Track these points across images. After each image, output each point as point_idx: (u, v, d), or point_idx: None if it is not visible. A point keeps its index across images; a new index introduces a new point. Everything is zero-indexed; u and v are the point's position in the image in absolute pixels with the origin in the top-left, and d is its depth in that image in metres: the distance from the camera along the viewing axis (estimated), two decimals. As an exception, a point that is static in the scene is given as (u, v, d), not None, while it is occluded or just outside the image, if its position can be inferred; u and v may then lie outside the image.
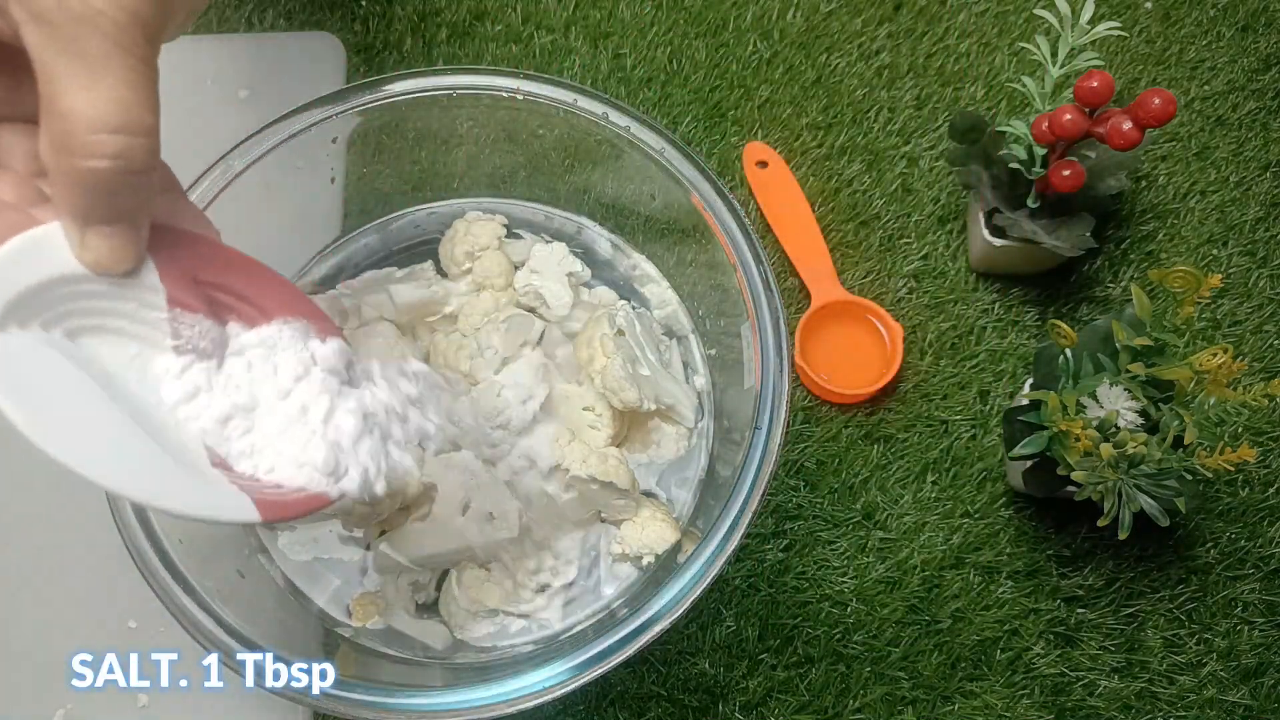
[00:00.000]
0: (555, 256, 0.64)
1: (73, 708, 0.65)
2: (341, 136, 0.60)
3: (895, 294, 0.76)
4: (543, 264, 0.63)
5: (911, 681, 0.67)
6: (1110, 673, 0.67)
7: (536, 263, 0.64)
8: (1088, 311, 0.76)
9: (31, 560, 0.68)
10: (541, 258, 0.64)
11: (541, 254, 0.64)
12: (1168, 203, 0.79)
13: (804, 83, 0.82)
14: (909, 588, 0.69)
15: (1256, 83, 0.82)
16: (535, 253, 0.64)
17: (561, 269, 0.64)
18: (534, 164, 0.65)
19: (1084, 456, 0.58)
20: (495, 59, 0.82)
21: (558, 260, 0.64)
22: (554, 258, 0.64)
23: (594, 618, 0.58)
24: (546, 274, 0.63)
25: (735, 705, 0.66)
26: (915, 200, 0.79)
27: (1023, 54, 0.82)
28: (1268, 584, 0.69)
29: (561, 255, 0.64)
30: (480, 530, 0.56)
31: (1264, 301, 0.76)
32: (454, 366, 0.59)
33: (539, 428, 0.59)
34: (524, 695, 0.46)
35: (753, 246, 0.55)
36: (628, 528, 0.58)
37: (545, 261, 0.64)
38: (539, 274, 0.63)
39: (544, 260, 0.64)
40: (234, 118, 0.76)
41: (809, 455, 0.72)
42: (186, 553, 0.50)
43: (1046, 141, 0.68)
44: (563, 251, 0.64)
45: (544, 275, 0.63)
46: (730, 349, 0.60)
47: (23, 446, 0.32)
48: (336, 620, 0.58)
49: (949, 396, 0.74)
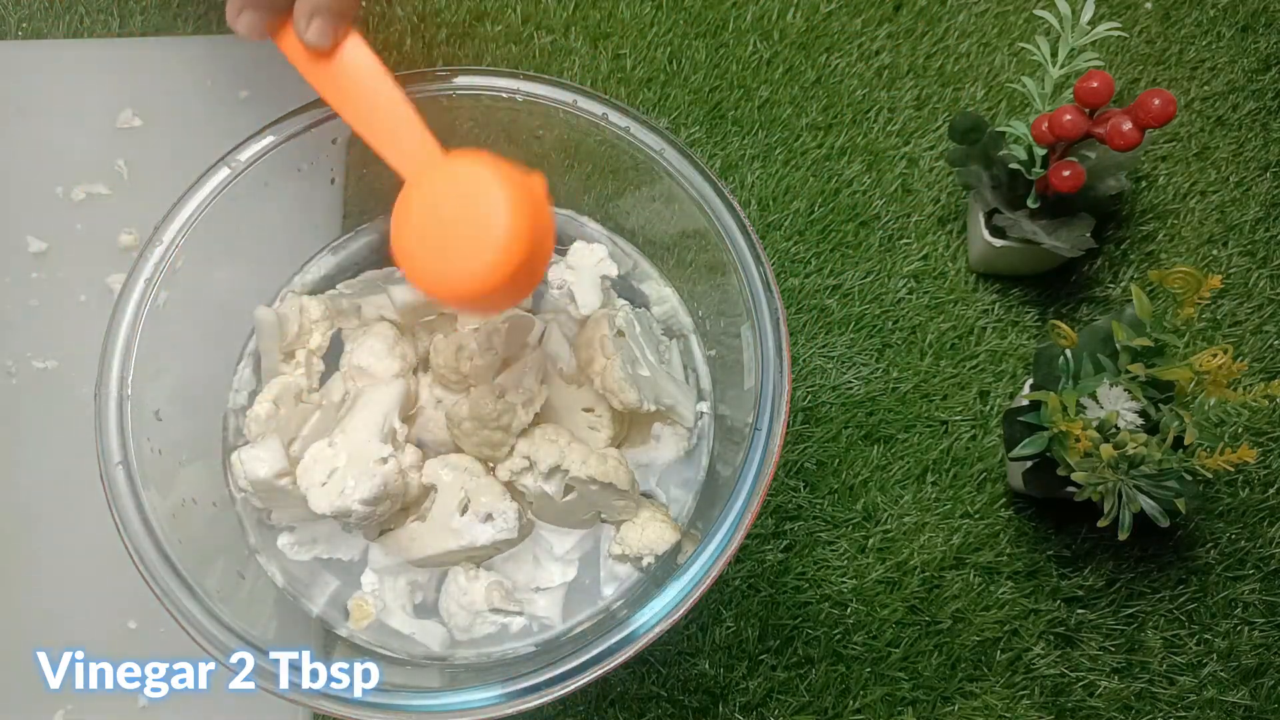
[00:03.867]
0: (594, 257, 0.63)
1: (73, 708, 0.65)
2: (341, 136, 0.60)
3: (895, 294, 0.76)
4: (580, 261, 0.62)
5: (911, 682, 0.67)
6: (1110, 673, 0.67)
7: (575, 259, 0.62)
8: (1088, 312, 0.76)
9: (31, 560, 0.68)
10: (580, 255, 0.62)
11: (581, 252, 0.63)
12: (1168, 203, 0.79)
13: (804, 83, 0.82)
14: (909, 588, 0.69)
15: (1256, 83, 0.82)
16: (575, 249, 0.63)
17: (597, 270, 0.63)
18: (534, 164, 0.65)
19: (1084, 457, 0.58)
20: (495, 59, 0.82)
21: (595, 261, 0.63)
22: (593, 258, 0.62)
23: (594, 618, 0.58)
24: (582, 273, 0.62)
25: (735, 706, 0.66)
26: (915, 200, 0.79)
27: (1023, 54, 0.82)
28: (1268, 584, 0.69)
29: (600, 257, 0.62)
30: (480, 530, 0.56)
31: (1264, 301, 0.76)
32: (454, 367, 0.59)
33: (539, 429, 0.58)
34: (524, 695, 0.46)
35: (753, 246, 0.55)
36: (627, 528, 0.58)
37: (584, 259, 0.62)
38: (574, 270, 0.62)
39: (582, 258, 0.62)
40: (234, 118, 0.76)
41: (809, 455, 0.72)
42: (186, 553, 0.50)
43: (1046, 142, 0.68)
44: (601, 253, 0.62)
45: (579, 273, 0.62)
46: (730, 349, 0.59)
47: (23, 448, 0.32)
48: (336, 621, 0.58)
49: (949, 396, 0.74)
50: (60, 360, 0.73)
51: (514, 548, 0.58)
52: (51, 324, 0.74)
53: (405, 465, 0.56)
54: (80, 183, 0.77)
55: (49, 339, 0.73)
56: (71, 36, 0.82)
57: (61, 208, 0.76)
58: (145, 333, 0.53)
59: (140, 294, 0.53)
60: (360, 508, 0.52)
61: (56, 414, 0.71)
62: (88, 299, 0.74)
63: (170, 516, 0.51)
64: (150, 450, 0.52)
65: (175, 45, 0.81)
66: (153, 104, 0.78)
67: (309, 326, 0.61)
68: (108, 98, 0.79)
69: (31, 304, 0.74)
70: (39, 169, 0.77)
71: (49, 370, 0.72)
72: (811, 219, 0.78)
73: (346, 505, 0.52)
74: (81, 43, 0.82)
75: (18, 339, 0.73)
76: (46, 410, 0.71)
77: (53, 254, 0.75)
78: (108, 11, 0.83)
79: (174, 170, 0.57)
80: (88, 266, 0.75)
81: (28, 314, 0.74)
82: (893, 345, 0.75)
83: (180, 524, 0.52)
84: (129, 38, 0.82)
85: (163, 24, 0.83)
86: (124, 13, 0.83)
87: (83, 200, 0.77)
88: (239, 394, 0.62)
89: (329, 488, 0.53)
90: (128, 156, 0.77)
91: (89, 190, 0.77)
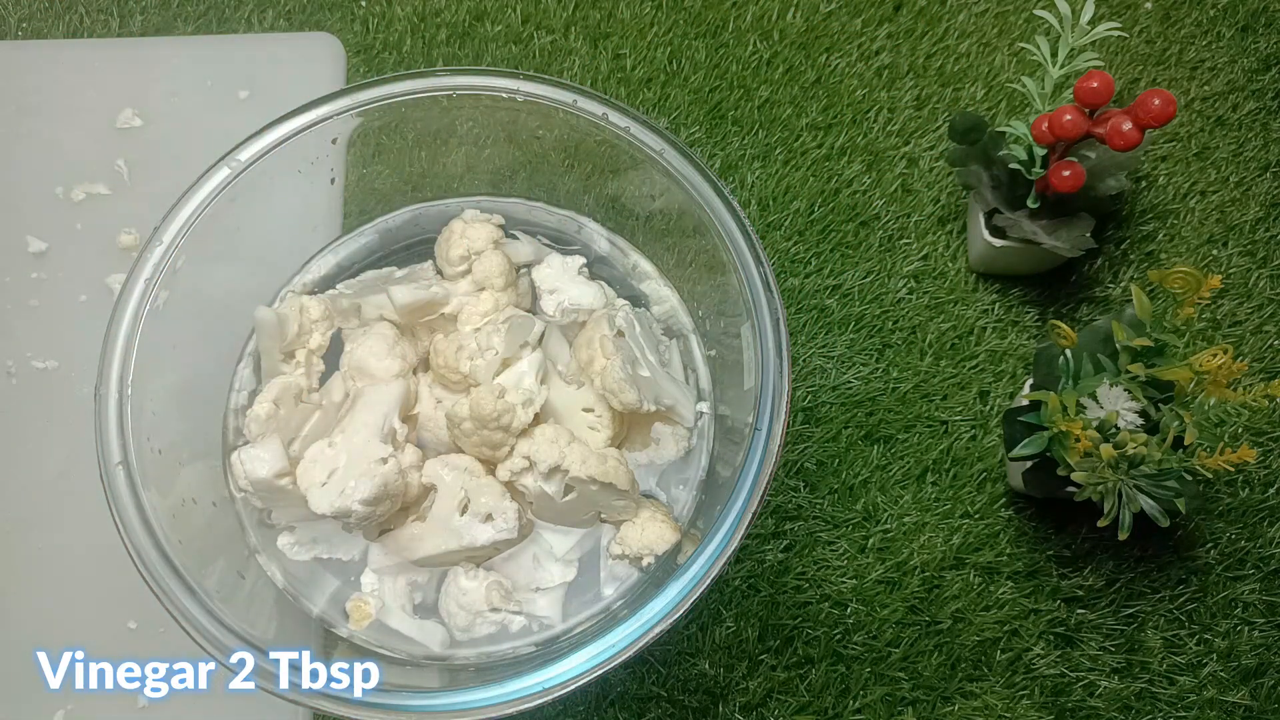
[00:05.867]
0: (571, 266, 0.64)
1: (73, 708, 0.65)
2: (341, 137, 0.60)
3: (895, 294, 0.76)
4: (558, 281, 0.63)
5: (911, 682, 0.67)
6: (1110, 673, 0.67)
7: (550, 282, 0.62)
8: (1088, 312, 0.76)
9: (31, 561, 0.68)
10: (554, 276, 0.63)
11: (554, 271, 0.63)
12: (1168, 203, 0.79)
13: (804, 83, 0.82)
14: (909, 588, 0.69)
15: (1256, 83, 0.82)
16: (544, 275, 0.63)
17: (570, 272, 0.63)
18: (534, 164, 0.65)
19: (1084, 457, 0.58)
20: (495, 59, 0.82)
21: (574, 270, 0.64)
22: (569, 269, 0.63)
23: (594, 618, 0.58)
24: (565, 283, 0.63)
25: (735, 706, 0.66)
26: (915, 200, 0.79)
27: (1023, 54, 0.82)
28: (1268, 584, 0.69)
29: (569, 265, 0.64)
30: (480, 530, 0.56)
31: (1264, 301, 0.76)
32: (454, 367, 0.59)
33: (539, 429, 0.58)
34: (524, 696, 0.46)
35: (753, 247, 0.55)
36: (628, 528, 0.58)
37: (560, 278, 0.63)
38: (561, 290, 0.62)
39: (558, 277, 0.63)
40: (234, 118, 0.76)
41: (809, 455, 0.72)
42: (186, 553, 0.50)
43: (1046, 142, 0.68)
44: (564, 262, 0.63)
45: (564, 286, 0.62)
46: (730, 349, 0.59)
47: (23, 448, 0.32)
48: (336, 621, 0.58)
49: (949, 396, 0.74)
50: (60, 360, 0.73)
51: (514, 548, 0.58)
52: (51, 324, 0.74)
53: (405, 465, 0.56)
54: (80, 183, 0.77)
55: (49, 339, 0.73)
56: (71, 36, 0.82)
57: (61, 208, 0.76)
58: (145, 333, 0.53)
59: (140, 294, 0.53)
60: (360, 508, 0.52)
61: (56, 414, 0.71)
62: (88, 299, 0.74)
63: (170, 516, 0.51)
64: (150, 450, 0.52)
65: (175, 45, 0.81)
66: (153, 104, 0.78)
67: (309, 326, 0.61)
68: (108, 98, 0.79)
69: (31, 304, 0.74)
70: (39, 169, 0.78)
71: (49, 370, 0.72)
72: (811, 219, 0.78)
73: (346, 505, 0.52)
74: (81, 43, 0.82)
75: (18, 339, 0.73)
76: (46, 410, 0.71)
77: (53, 254, 0.75)
78: (108, 11, 0.83)
79: (174, 170, 0.57)
80: (88, 266, 0.75)
81: (28, 314, 0.74)
82: (893, 345, 0.75)
83: (180, 524, 0.52)
84: (129, 38, 0.82)
85: (163, 24, 0.83)
86: (124, 13, 0.83)
87: (83, 200, 0.77)
88: (239, 394, 0.61)
89: (329, 488, 0.53)
90: (128, 156, 0.77)
91: (89, 190, 0.77)
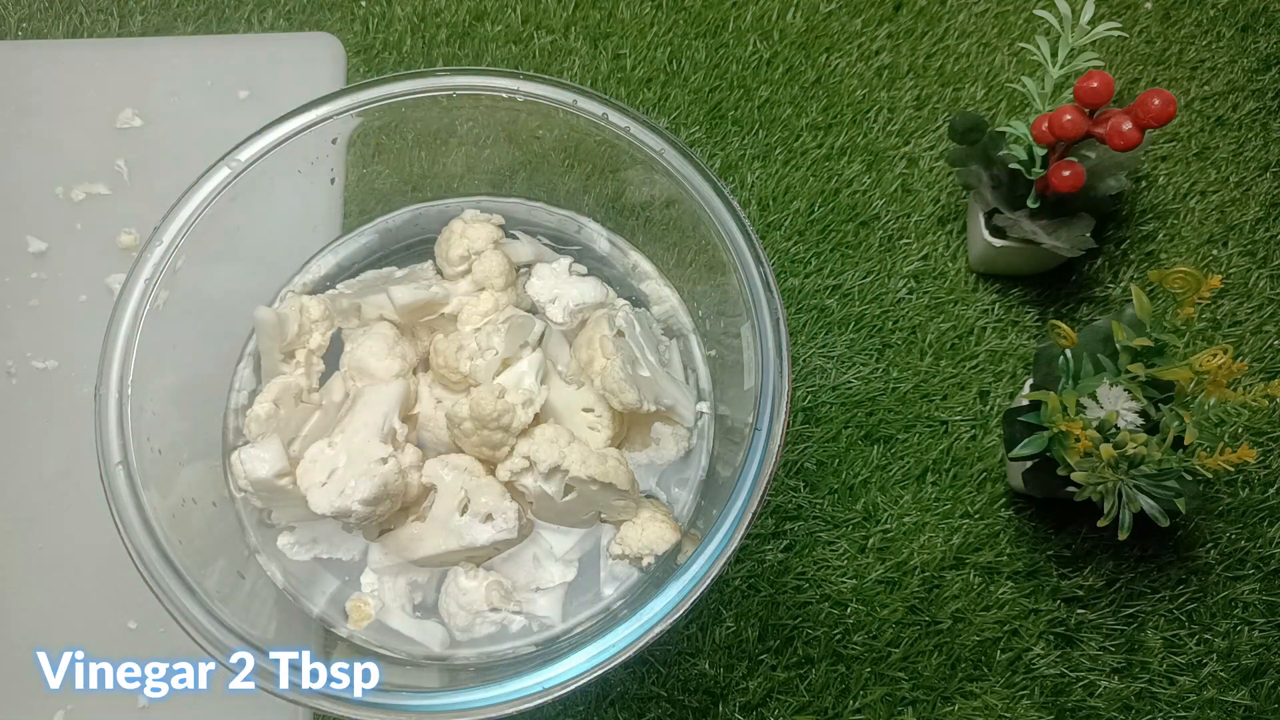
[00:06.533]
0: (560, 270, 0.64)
1: (73, 708, 0.65)
2: (341, 136, 0.60)
3: (895, 294, 0.76)
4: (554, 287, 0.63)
5: (911, 682, 0.67)
6: (1110, 673, 0.67)
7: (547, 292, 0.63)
8: (1088, 312, 0.76)
9: (31, 561, 0.68)
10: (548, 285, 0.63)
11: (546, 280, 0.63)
12: (1168, 203, 0.79)
13: (804, 83, 0.82)
14: (909, 588, 0.69)
15: (1256, 83, 0.82)
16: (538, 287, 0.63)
17: (562, 275, 0.63)
18: (533, 164, 0.65)
19: (1084, 457, 0.58)
20: (495, 59, 0.82)
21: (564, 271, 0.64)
22: (560, 273, 0.64)
23: (594, 618, 0.58)
24: (562, 287, 0.63)
25: (735, 706, 0.66)
26: (915, 200, 0.79)
27: (1023, 54, 0.82)
28: (1268, 584, 0.69)
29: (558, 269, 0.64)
30: (480, 530, 0.56)
31: (1264, 301, 0.76)
32: (454, 367, 0.59)
33: (539, 429, 0.58)
34: (524, 696, 0.46)
35: (753, 247, 0.55)
36: (628, 528, 0.58)
37: (554, 284, 0.63)
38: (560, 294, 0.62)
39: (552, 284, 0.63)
40: (234, 118, 0.76)
41: (809, 455, 0.72)
42: (186, 553, 0.50)
43: (1046, 142, 0.68)
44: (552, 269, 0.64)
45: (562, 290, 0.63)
46: (730, 349, 0.59)
47: (23, 447, 0.32)
48: (335, 621, 0.58)
49: (949, 396, 0.74)
50: (60, 360, 0.73)
51: (514, 548, 0.58)
52: (51, 324, 0.74)
53: (405, 465, 0.56)
54: (80, 183, 0.77)
55: (49, 339, 0.73)
56: (71, 36, 0.82)
57: (61, 208, 0.76)
58: (145, 333, 0.53)
59: (140, 294, 0.53)
60: (360, 508, 0.52)
61: (56, 414, 0.71)
62: (88, 299, 0.74)
63: (170, 516, 0.51)
64: (150, 450, 0.52)
65: (175, 45, 0.81)
66: (153, 104, 0.78)
67: (309, 326, 0.61)
68: (108, 98, 0.79)
69: (31, 304, 0.74)
70: (39, 169, 0.78)
71: (49, 370, 0.72)
72: (811, 219, 0.78)
73: (346, 505, 0.52)
74: (81, 43, 0.82)
75: (18, 339, 0.73)
76: (46, 410, 0.71)
77: (53, 254, 0.75)
78: (108, 11, 0.83)
79: (174, 170, 0.57)
80: (88, 266, 0.75)
81: (28, 314, 0.74)
82: (893, 345, 0.75)
83: (180, 524, 0.52)
84: (129, 38, 0.82)
85: (163, 24, 0.83)
86: (124, 13, 0.83)
87: (83, 200, 0.77)
88: (239, 394, 0.61)
89: (329, 488, 0.53)
90: (128, 156, 0.77)
91: (89, 190, 0.77)
